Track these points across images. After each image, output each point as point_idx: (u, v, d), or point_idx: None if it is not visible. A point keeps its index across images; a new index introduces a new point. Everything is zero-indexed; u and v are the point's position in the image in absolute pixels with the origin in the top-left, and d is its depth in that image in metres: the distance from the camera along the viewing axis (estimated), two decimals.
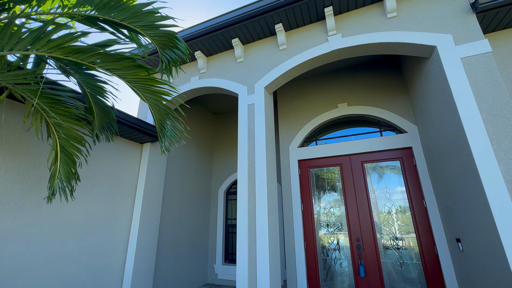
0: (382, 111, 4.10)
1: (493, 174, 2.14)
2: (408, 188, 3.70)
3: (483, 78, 2.39)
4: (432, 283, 3.26)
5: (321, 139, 4.57)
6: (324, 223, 4.13)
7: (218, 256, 5.34)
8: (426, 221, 3.48)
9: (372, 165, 4.06)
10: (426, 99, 3.19)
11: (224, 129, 6.33)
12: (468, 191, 2.42)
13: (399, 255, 3.56)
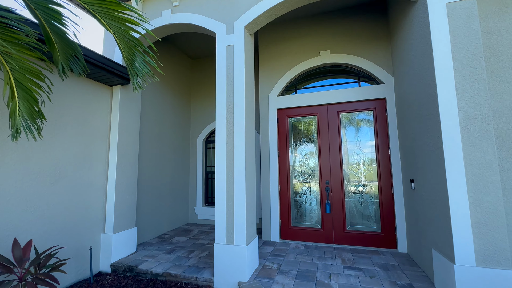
0: (363, 61, 4.07)
1: (452, 121, 2.33)
2: (377, 137, 3.96)
3: (462, 26, 2.39)
4: (385, 217, 3.80)
5: (301, 88, 4.55)
6: (298, 170, 4.42)
7: (198, 200, 5.66)
8: (388, 167, 3.86)
9: (347, 116, 4.21)
10: (407, 48, 3.19)
11: (202, 75, 5.99)
12: (428, 137, 2.66)
13: (361, 196, 4.02)
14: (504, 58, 2.61)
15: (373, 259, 3.40)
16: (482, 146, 2.24)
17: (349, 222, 4.02)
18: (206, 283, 2.92)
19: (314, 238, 4.11)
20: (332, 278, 2.85)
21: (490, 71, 2.61)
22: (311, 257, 3.49)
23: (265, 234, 4.33)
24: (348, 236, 3.95)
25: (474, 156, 2.25)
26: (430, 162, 2.64)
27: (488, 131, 2.24)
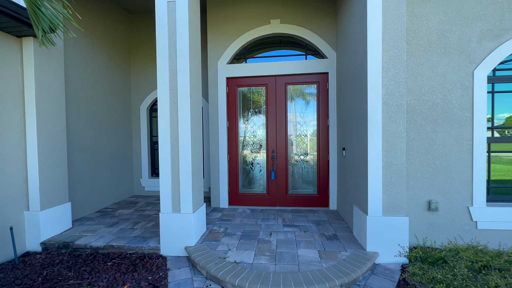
0: (310, 34, 4.16)
1: (376, 96, 2.66)
2: (319, 109, 4.28)
3: (393, 9, 2.62)
4: (321, 181, 4.31)
5: (252, 58, 4.48)
6: (247, 140, 4.54)
7: (144, 171, 5.39)
8: (326, 137, 4.27)
9: (294, 88, 4.38)
10: (348, 25, 3.37)
11: (144, 34, 5.31)
12: (358, 110, 3.00)
13: (303, 163, 4.42)
14: (421, 43, 3.00)
15: (308, 217, 3.89)
16: (396, 119, 2.65)
17: (291, 186, 4.43)
18: (153, 251, 2.95)
19: (260, 203, 4.44)
20: (272, 235, 3.19)
21: (409, 53, 2.99)
22: (256, 219, 3.80)
23: (214, 202, 4.48)
24: (290, 199, 4.39)
25: (390, 127, 2.66)
26: (358, 132, 3.02)
27: (402, 106, 2.64)
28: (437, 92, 2.98)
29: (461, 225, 2.99)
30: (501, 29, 2.91)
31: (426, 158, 3.02)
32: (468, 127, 2.96)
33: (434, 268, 1.46)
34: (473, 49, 2.94)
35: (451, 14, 2.96)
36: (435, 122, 3.00)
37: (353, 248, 2.82)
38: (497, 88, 3.08)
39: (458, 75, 2.96)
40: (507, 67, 3.07)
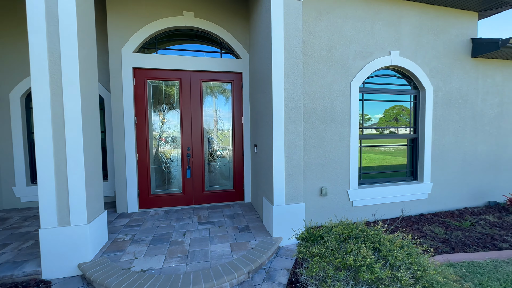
0: (225, 33, 4.22)
1: (280, 99, 2.98)
2: (234, 107, 4.43)
3: (292, 23, 2.98)
4: (237, 176, 4.50)
5: (164, 49, 4.17)
6: (161, 137, 4.23)
7: (19, 177, 4.23)
8: (241, 134, 4.48)
9: (209, 85, 4.36)
10: (258, 29, 3.60)
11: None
12: (265, 110, 3.28)
13: (219, 160, 4.50)
14: (315, 55, 3.55)
15: (224, 212, 4.01)
16: (295, 119, 3.05)
17: (208, 183, 4.44)
18: (30, 276, 2.38)
19: (175, 203, 4.25)
20: (186, 235, 3.13)
21: (306, 63, 3.49)
22: (169, 220, 3.63)
23: (120, 207, 3.99)
24: (207, 196, 4.40)
25: (290, 127, 3.04)
26: (266, 131, 3.31)
27: (300, 109, 3.06)
28: (326, 98, 3.60)
29: (343, 205, 3.77)
30: (367, 52, 3.77)
31: (319, 153, 3.62)
32: (347, 126, 3.72)
33: (314, 244, 1.79)
34: (350, 65, 3.69)
35: (336, 35, 3.62)
36: (325, 122, 3.62)
37: (262, 236, 3.10)
38: (365, 97, 3.99)
39: (340, 85, 3.66)
40: (372, 81, 4.02)
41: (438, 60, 4.14)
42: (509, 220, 3.84)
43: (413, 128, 4.27)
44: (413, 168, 4.29)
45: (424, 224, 3.71)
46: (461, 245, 3.08)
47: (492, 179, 4.64)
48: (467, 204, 4.50)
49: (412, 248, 1.70)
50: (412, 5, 3.96)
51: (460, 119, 4.35)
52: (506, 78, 4.62)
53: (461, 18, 4.25)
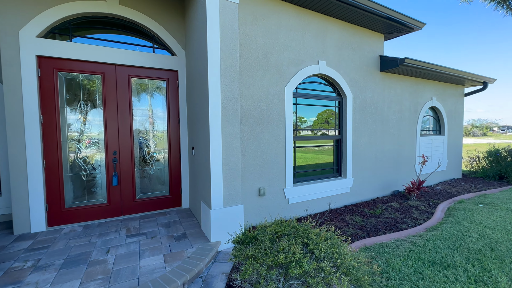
0: (159, 28, 3.91)
1: (216, 100, 2.92)
2: (169, 108, 4.14)
3: (228, 24, 2.96)
4: (173, 181, 4.22)
5: (82, 37, 3.57)
6: (76, 139, 3.60)
7: None
8: (177, 136, 4.22)
9: (140, 82, 3.96)
10: (194, 27, 3.46)
11: None
12: (202, 111, 3.16)
13: (153, 164, 4.12)
14: (252, 58, 3.62)
15: (159, 220, 3.70)
16: (232, 121, 3.04)
17: (140, 190, 4.02)
18: None
19: (99, 215, 3.69)
20: (110, 252, 2.73)
21: (243, 66, 3.53)
22: (89, 237, 3.11)
23: (20, 226, 3.21)
24: (139, 204, 3.97)
25: (228, 129, 3.01)
26: (203, 132, 3.19)
27: (237, 111, 3.07)
28: (263, 101, 3.72)
29: (279, 203, 3.96)
30: (299, 59, 4.07)
31: (257, 154, 3.71)
32: (283, 128, 3.93)
33: (249, 246, 1.79)
34: (284, 71, 3.92)
35: (272, 41, 3.78)
36: (262, 124, 3.74)
37: (199, 242, 2.97)
38: (299, 101, 4.30)
39: (276, 89, 3.84)
40: (304, 87, 4.36)
41: (356, 72, 4.80)
42: (407, 205, 4.74)
43: (338, 130, 4.84)
44: (339, 165, 4.85)
45: (347, 215, 4.23)
46: (374, 230, 3.62)
47: (395, 173, 5.65)
48: (379, 194, 5.35)
49: (334, 239, 1.89)
50: (335, 21, 4.49)
51: (372, 123, 5.15)
52: (403, 89, 5.71)
53: (371, 38, 5.04)
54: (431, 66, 5.26)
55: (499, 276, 2.37)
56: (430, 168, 6.27)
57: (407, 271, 2.46)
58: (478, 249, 2.91)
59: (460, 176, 7.56)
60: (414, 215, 4.20)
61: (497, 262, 2.63)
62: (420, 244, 3.06)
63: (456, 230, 3.44)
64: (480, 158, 8.00)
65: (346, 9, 4.14)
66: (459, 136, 7.51)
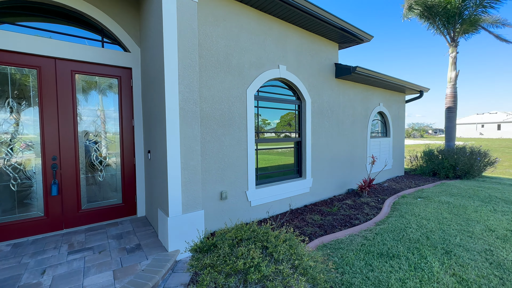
0: (110, 21, 3.57)
1: (174, 101, 2.77)
2: (122, 108, 3.81)
3: (186, 22, 2.85)
4: (126, 187, 3.88)
5: (11, 23, 3.07)
6: (5, 143, 3.07)
7: None
8: (131, 138, 3.90)
9: (86, 79, 3.56)
10: (149, 24, 3.24)
11: None
12: (159, 113, 2.97)
13: (102, 169, 3.74)
14: (213, 59, 3.54)
15: (109, 232, 3.36)
16: (192, 123, 2.92)
17: (87, 199, 3.60)
18: None
19: (34, 231, 3.20)
20: (46, 273, 2.38)
21: (204, 66, 3.43)
22: (20, 257, 2.67)
23: None
24: (85, 215, 3.55)
25: (187, 131, 2.88)
26: (160, 135, 3.00)
27: (196, 112, 2.96)
28: (224, 103, 3.67)
29: (242, 206, 3.93)
30: (261, 63, 4.12)
31: (218, 157, 3.63)
32: (245, 131, 3.92)
33: (207, 254, 1.72)
34: (246, 73, 3.92)
35: (233, 43, 3.75)
36: (224, 127, 3.67)
37: (156, 253, 2.77)
38: (260, 104, 4.35)
39: (237, 91, 3.82)
40: (265, 90, 4.42)
41: (314, 77, 5.05)
42: (359, 202, 5.14)
43: (298, 133, 5.02)
44: (299, 167, 5.04)
45: (307, 214, 4.40)
46: (331, 227, 3.83)
47: (349, 172, 6.09)
48: (335, 192, 5.70)
49: (293, 240, 1.93)
50: (295, 28, 4.66)
51: (329, 125, 5.47)
52: (356, 95, 6.20)
53: (328, 46, 5.37)
54: (379, 75, 5.82)
55: (433, 261, 2.70)
56: (379, 167, 6.92)
57: (359, 264, 2.65)
58: (417, 238, 3.29)
59: (403, 174, 8.50)
60: (366, 211, 4.56)
61: (432, 249, 2.99)
62: (370, 238, 3.32)
63: (399, 223, 3.83)
64: (418, 157, 9.11)
65: (304, 17, 4.33)
66: (402, 138, 8.45)
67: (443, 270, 2.54)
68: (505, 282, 2.35)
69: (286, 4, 3.87)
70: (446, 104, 9.36)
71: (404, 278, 2.41)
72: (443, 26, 9.03)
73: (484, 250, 2.97)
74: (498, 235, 3.37)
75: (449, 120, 9.34)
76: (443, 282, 2.35)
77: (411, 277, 2.42)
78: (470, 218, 4.04)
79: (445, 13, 8.58)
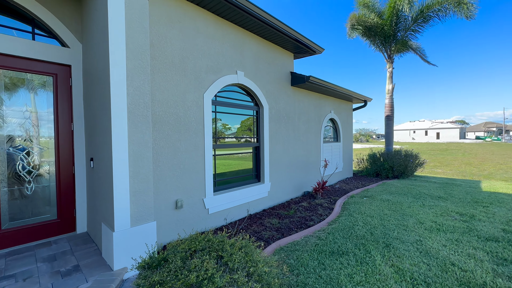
0: (42, 9, 3.13)
1: (121, 104, 2.55)
2: (57, 110, 3.35)
3: (136, 20, 2.66)
4: (63, 200, 3.40)
5: None
6: None
7: None
8: (70, 144, 3.45)
9: (11, 75, 3.04)
10: (93, 19, 2.94)
11: None
12: (103, 117, 2.69)
13: (32, 181, 3.21)
14: (167, 61, 3.38)
15: (39, 253, 2.88)
16: (142, 128, 2.72)
17: (9, 217, 3.04)
18: None
19: None
20: None
21: (157, 68, 3.25)
22: None
23: None
24: (6, 236, 2.98)
25: (136, 137, 2.67)
26: (104, 141, 2.71)
27: (148, 117, 2.77)
28: (180, 107, 3.52)
29: (199, 215, 3.79)
30: (218, 68, 4.08)
31: (173, 164, 3.45)
32: (202, 136, 3.82)
33: (157, 270, 1.60)
34: (203, 78, 3.83)
35: (189, 45, 3.64)
36: (179, 132, 3.51)
37: (98, 274, 2.47)
38: (218, 109, 4.29)
39: (194, 96, 3.71)
40: (224, 95, 4.39)
41: (271, 84, 5.21)
42: (314, 203, 5.43)
43: (256, 138, 5.10)
44: (257, 171, 5.10)
45: (265, 218, 4.46)
46: (288, 230, 3.95)
47: (305, 175, 6.40)
48: (292, 195, 5.93)
49: (249, 247, 1.92)
50: (253, 35, 4.77)
51: (286, 131, 5.69)
52: (310, 103, 6.60)
53: (284, 55, 5.61)
54: (330, 85, 6.31)
55: (376, 255, 2.98)
56: (331, 170, 7.44)
57: (313, 264, 2.77)
58: (363, 235, 3.60)
59: (352, 175, 9.30)
60: (320, 212, 4.84)
61: (375, 243, 3.31)
62: (323, 237, 3.52)
63: (348, 221, 4.15)
64: (364, 160, 10.09)
65: (261, 26, 4.46)
66: (351, 143, 9.27)
67: (384, 262, 2.83)
68: (431, 268, 2.72)
69: (241, 11, 3.93)
70: (385, 112, 10.61)
71: (352, 273, 2.60)
72: (381, 44, 10.29)
73: (415, 241, 3.40)
74: (426, 227, 3.91)
75: (388, 127, 10.60)
76: (383, 273, 2.61)
77: (358, 272, 2.63)
78: (405, 213, 4.61)
79: (382, 33, 9.80)
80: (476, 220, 4.23)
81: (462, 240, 3.43)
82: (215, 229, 3.91)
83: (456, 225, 3.98)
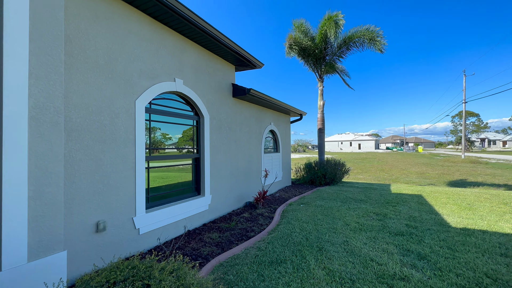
0: None
1: (20, 108, 2.05)
2: None
3: (44, 9, 2.23)
4: None
5: None
6: None
7: None
8: None
9: None
10: None
11: None
12: None
13: None
14: (89, 61, 2.94)
15: None
16: (51, 137, 2.24)
17: None
18: None
19: None
20: None
21: (75, 67, 2.79)
22: None
23: None
24: None
25: (41, 148, 2.18)
26: None
27: (59, 124, 2.31)
28: (105, 114, 3.08)
29: (127, 236, 3.32)
30: (154, 73, 3.79)
31: (95, 179, 2.95)
32: (132, 147, 3.42)
33: None
34: (135, 83, 3.49)
35: (118, 46, 3.28)
36: (103, 142, 3.06)
37: None
38: (154, 118, 3.95)
39: (124, 102, 3.32)
40: (160, 103, 4.08)
41: (212, 94, 5.14)
42: (255, 213, 5.48)
43: (197, 149, 4.89)
44: (198, 184, 4.86)
45: (205, 233, 4.24)
46: (228, 243, 3.83)
47: (247, 186, 6.45)
48: (234, 207, 5.86)
49: (182, 269, 1.75)
50: (193, 44, 4.64)
51: (228, 142, 5.65)
52: (251, 114, 6.78)
53: (225, 66, 5.65)
54: (269, 98, 6.63)
55: (310, 260, 3.16)
56: (271, 180, 7.72)
57: (252, 277, 2.74)
58: (299, 241, 3.79)
59: (290, 184, 9.87)
60: (260, 222, 4.90)
61: (309, 248, 3.52)
62: (263, 247, 3.55)
63: (286, 229, 4.32)
64: (301, 169, 10.89)
65: (201, 34, 4.39)
66: (289, 153, 9.88)
67: (317, 266, 3.01)
68: (355, 265, 3.04)
69: (177, 16, 3.79)
70: (318, 126, 11.80)
71: (289, 281, 2.67)
72: (313, 65, 11.53)
73: (343, 242, 3.77)
74: (351, 228, 4.40)
75: (320, 138, 11.78)
76: (317, 276, 2.77)
77: (295, 279, 2.72)
78: (335, 216, 5.09)
79: (314, 55, 11.02)
80: (388, 218, 5.00)
81: (378, 237, 3.98)
82: (147, 251, 3.48)
83: (374, 224, 4.62)
